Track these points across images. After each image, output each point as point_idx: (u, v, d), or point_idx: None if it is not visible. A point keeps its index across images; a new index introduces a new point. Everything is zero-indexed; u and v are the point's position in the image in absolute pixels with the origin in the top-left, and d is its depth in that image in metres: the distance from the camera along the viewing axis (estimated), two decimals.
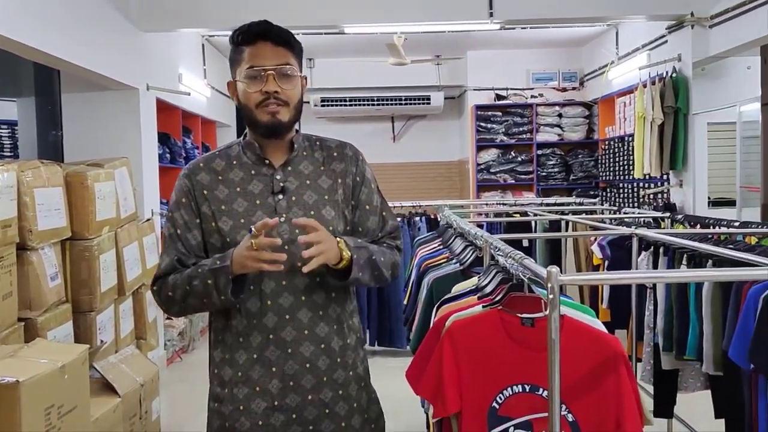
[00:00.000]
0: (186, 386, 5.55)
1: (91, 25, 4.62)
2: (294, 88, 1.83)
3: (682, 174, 5.67)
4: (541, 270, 1.56)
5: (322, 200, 1.86)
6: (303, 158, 1.90)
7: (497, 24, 5.59)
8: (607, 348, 1.67)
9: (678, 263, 2.98)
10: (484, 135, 8.61)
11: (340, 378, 1.86)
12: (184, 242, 1.85)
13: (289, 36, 1.86)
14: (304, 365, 1.81)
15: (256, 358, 1.81)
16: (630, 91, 6.77)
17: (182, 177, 1.90)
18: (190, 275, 1.78)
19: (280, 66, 1.80)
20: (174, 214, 1.87)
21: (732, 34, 5.03)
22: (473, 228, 2.97)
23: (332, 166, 1.91)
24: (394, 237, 1.98)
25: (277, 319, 1.80)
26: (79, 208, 4.03)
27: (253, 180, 1.85)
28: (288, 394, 1.81)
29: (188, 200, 1.86)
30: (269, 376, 1.81)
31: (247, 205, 1.83)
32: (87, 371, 3.05)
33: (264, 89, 1.79)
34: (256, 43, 1.83)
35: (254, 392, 1.82)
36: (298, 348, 1.81)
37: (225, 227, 1.82)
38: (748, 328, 2.20)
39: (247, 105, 1.83)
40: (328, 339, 1.84)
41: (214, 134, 8.25)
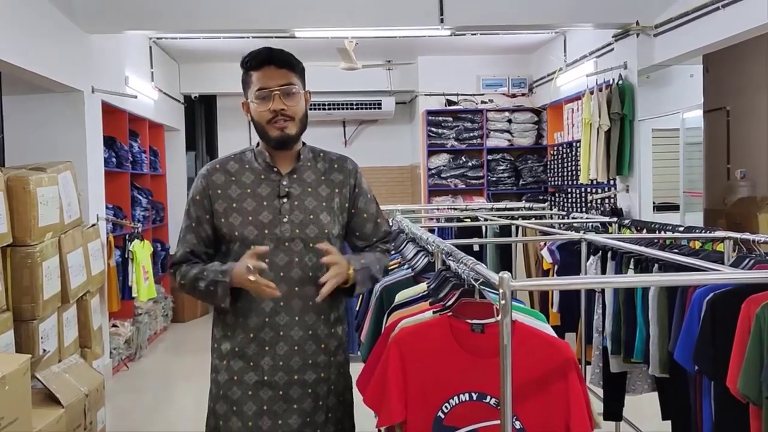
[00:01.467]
0: (133, 396, 5.44)
1: (34, 26, 4.50)
2: (298, 104, 2.11)
3: (628, 179, 5.78)
4: (493, 276, 1.56)
5: (320, 206, 2.14)
6: (307, 168, 2.18)
7: (448, 30, 5.63)
8: (557, 353, 1.68)
9: (625, 267, 3.03)
10: (435, 140, 8.65)
11: (323, 362, 2.12)
12: (197, 235, 2.15)
13: (290, 58, 2.12)
14: (293, 348, 2.08)
15: (252, 337, 2.09)
16: (578, 97, 6.88)
17: (200, 177, 2.18)
18: (197, 276, 2.08)
19: (284, 86, 2.07)
20: (190, 209, 2.17)
21: (676, 42, 5.15)
22: (425, 233, 2.97)
23: (332, 177, 2.20)
24: (386, 241, 2.30)
25: (272, 305, 2.07)
26: (21, 214, 3.92)
27: (262, 184, 2.13)
28: (277, 372, 2.08)
29: (202, 198, 2.15)
30: (262, 353, 2.08)
31: (255, 205, 2.11)
32: (29, 382, 2.96)
33: (272, 108, 2.06)
34: (263, 67, 2.08)
35: (248, 366, 2.09)
36: (289, 332, 2.08)
37: (235, 222, 2.10)
38: (692, 331, 2.25)
39: (259, 122, 2.10)
40: (316, 327, 2.11)
41: (163, 138, 8.10)
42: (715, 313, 2.11)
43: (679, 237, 3.21)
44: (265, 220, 2.08)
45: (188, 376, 5.97)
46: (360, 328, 3.05)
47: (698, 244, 3.14)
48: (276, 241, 2.07)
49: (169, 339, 7.37)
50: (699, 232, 3.20)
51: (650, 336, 2.77)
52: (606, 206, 6.16)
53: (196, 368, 6.15)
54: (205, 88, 8.99)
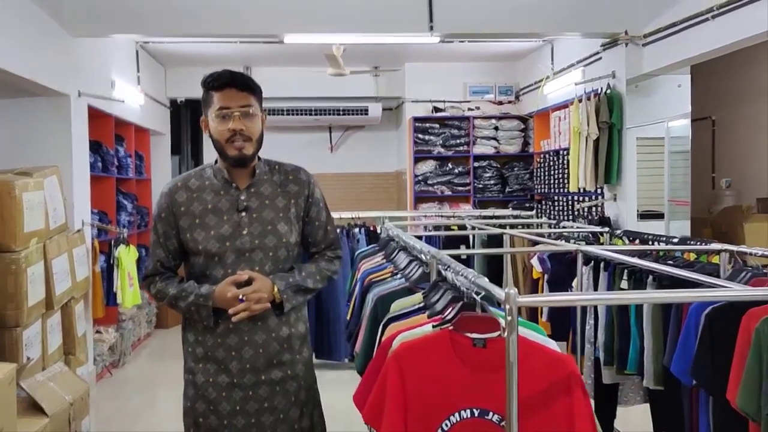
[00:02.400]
0: (117, 403, 5.37)
1: (20, 29, 4.43)
2: (255, 125, 2.24)
3: (616, 188, 5.80)
4: (498, 291, 1.54)
5: (277, 217, 2.28)
6: (263, 182, 2.31)
7: (437, 37, 5.62)
8: (561, 368, 1.66)
9: (618, 278, 3.03)
10: (421, 147, 8.64)
11: (287, 361, 2.29)
12: (164, 248, 2.29)
13: (250, 81, 2.25)
14: (258, 350, 2.24)
15: (220, 342, 2.25)
16: (565, 105, 6.90)
17: (164, 195, 2.31)
18: (176, 296, 2.24)
19: (244, 107, 2.20)
20: (156, 225, 2.31)
21: (665, 52, 5.18)
22: (418, 243, 2.95)
23: (288, 188, 2.33)
24: (334, 248, 2.44)
25: None
26: (6, 219, 3.86)
27: (222, 199, 2.27)
28: (245, 374, 2.24)
29: (167, 215, 2.28)
30: (230, 358, 2.24)
31: (216, 220, 2.25)
32: (14, 391, 2.91)
33: (231, 127, 2.18)
34: (224, 89, 2.20)
35: (219, 369, 2.25)
36: (253, 336, 2.24)
37: (198, 237, 2.25)
38: (689, 344, 2.24)
39: (218, 140, 2.23)
40: (277, 329, 2.27)
41: (148, 142, 8.03)
42: (713, 326, 2.11)
43: (675, 249, 3.20)
44: (226, 234, 2.23)
45: (172, 383, 5.86)
46: (352, 337, 3.02)
47: (693, 255, 3.14)
48: (237, 252, 2.22)
49: (153, 345, 7.30)
50: (694, 243, 3.20)
51: (644, 348, 2.76)
52: (594, 215, 6.17)
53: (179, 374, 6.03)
54: (191, 93, 8.89)
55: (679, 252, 3.17)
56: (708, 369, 2.10)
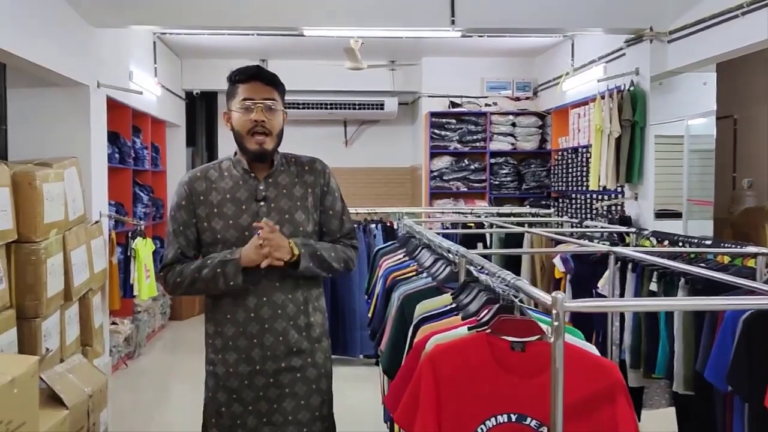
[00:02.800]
0: (133, 395, 5.36)
1: (40, 18, 4.41)
2: (277, 119, 2.30)
3: (637, 187, 5.73)
4: (544, 296, 1.50)
5: (294, 206, 2.33)
6: (281, 172, 2.37)
7: (459, 31, 5.56)
8: (604, 375, 1.62)
9: (647, 280, 2.98)
10: (437, 142, 8.58)
11: (307, 349, 2.33)
12: (185, 237, 2.32)
13: (275, 77, 2.33)
14: (278, 338, 2.29)
15: (241, 331, 2.29)
16: (584, 102, 6.83)
17: (182, 184, 2.35)
18: (200, 266, 2.25)
19: (268, 100, 2.27)
20: (176, 214, 2.33)
21: (690, 50, 5.10)
22: (444, 241, 2.91)
23: (304, 179, 2.39)
24: (350, 237, 2.47)
25: (256, 301, 2.28)
26: (26, 210, 3.85)
27: (240, 189, 2.32)
28: (267, 362, 2.28)
29: (187, 203, 2.32)
30: (251, 346, 2.28)
31: (234, 209, 2.29)
32: (37, 384, 2.90)
33: (253, 118, 2.24)
34: (250, 81, 2.27)
35: (240, 358, 2.29)
36: (273, 324, 2.29)
37: (217, 226, 2.29)
38: (725, 349, 2.20)
39: (240, 131, 2.28)
40: (296, 317, 2.32)
41: (164, 134, 8.02)
42: (751, 332, 2.06)
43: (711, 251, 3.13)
44: (245, 223, 2.27)
45: (186, 374, 5.89)
46: (377, 335, 2.98)
47: (727, 258, 3.08)
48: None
49: (167, 337, 7.30)
50: (728, 246, 3.14)
51: (675, 352, 2.71)
52: (614, 213, 6.11)
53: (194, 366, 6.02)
54: (207, 85, 8.90)
55: (711, 254, 3.12)
56: (745, 375, 2.06)
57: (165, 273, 2.33)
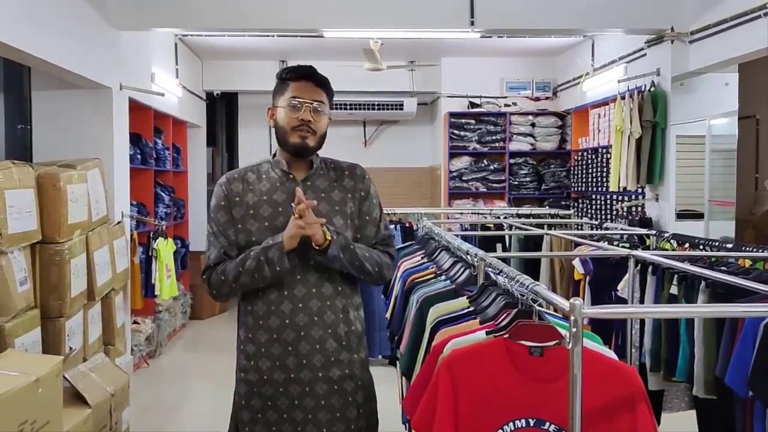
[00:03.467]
0: (154, 393, 5.42)
1: (65, 21, 4.47)
2: (322, 121, 2.27)
3: (658, 188, 5.70)
4: (562, 301, 1.50)
5: (333, 210, 2.27)
6: (320, 175, 2.32)
7: (478, 32, 5.56)
8: (624, 381, 1.61)
9: (668, 283, 2.97)
10: (456, 142, 8.58)
11: (345, 359, 2.24)
12: (226, 237, 2.25)
13: (326, 80, 2.30)
14: (315, 346, 2.20)
15: (275, 338, 2.20)
16: (605, 102, 6.80)
17: (220, 185, 2.31)
18: (243, 258, 2.18)
19: (316, 102, 2.24)
20: (215, 215, 2.29)
21: (712, 50, 5.07)
22: (464, 244, 2.91)
23: (344, 183, 2.34)
24: (386, 244, 2.39)
25: (292, 306, 2.19)
26: (51, 211, 3.91)
27: (278, 191, 2.27)
28: (302, 370, 2.19)
29: (226, 203, 2.27)
30: (286, 353, 2.19)
31: (271, 211, 2.24)
32: (61, 384, 2.94)
33: (300, 117, 2.22)
34: (301, 81, 2.25)
35: (274, 366, 2.20)
36: (310, 331, 2.19)
37: (252, 228, 2.22)
38: (746, 355, 2.19)
39: (284, 127, 2.25)
40: (335, 325, 2.23)
41: (185, 135, 8.08)
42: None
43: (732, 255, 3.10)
44: (281, 226, 2.18)
45: (207, 374, 5.95)
46: (395, 336, 3.00)
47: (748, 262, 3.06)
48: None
49: (188, 336, 7.36)
50: (750, 249, 3.12)
51: (695, 356, 2.70)
52: (634, 215, 6.08)
53: (214, 366, 6.15)
54: (227, 86, 8.97)
55: (732, 258, 3.10)
56: (766, 380, 2.05)
57: (209, 275, 2.26)
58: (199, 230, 8.14)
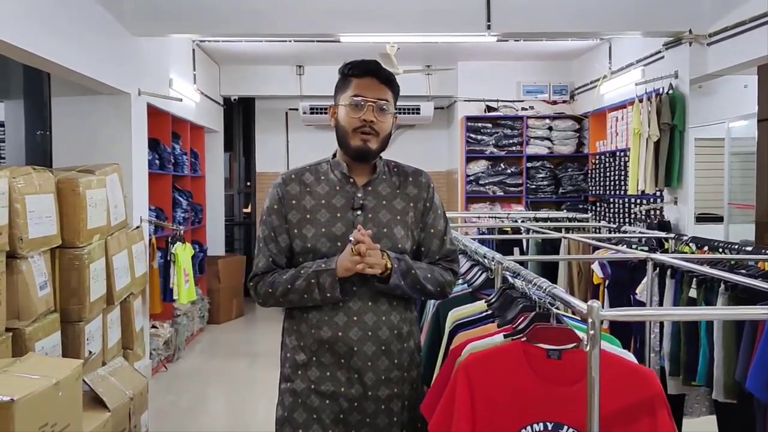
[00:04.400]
0: (172, 397, 5.45)
1: (84, 28, 4.52)
2: (387, 121, 2.11)
3: (676, 191, 5.66)
4: (580, 304, 1.50)
5: (394, 219, 2.11)
6: (382, 181, 2.16)
7: (495, 36, 5.56)
8: (644, 384, 1.60)
9: (687, 286, 2.94)
10: (473, 146, 8.57)
11: (396, 378, 2.10)
12: (276, 244, 2.12)
13: (392, 77, 2.14)
14: (366, 363, 2.06)
15: (327, 348, 2.07)
16: (622, 105, 6.76)
17: (275, 186, 2.16)
18: (294, 275, 2.05)
19: (381, 100, 2.07)
20: (267, 218, 2.14)
21: (730, 52, 5.03)
22: (481, 247, 2.91)
23: (407, 191, 2.17)
24: (450, 260, 2.21)
25: (346, 319, 2.06)
26: (70, 216, 3.94)
27: (337, 195, 2.11)
28: (353, 385, 2.06)
29: (279, 207, 2.12)
30: (338, 366, 2.07)
31: (329, 217, 2.09)
32: (80, 387, 2.97)
33: (362, 117, 2.05)
34: (364, 77, 2.09)
35: (325, 376, 2.08)
36: (363, 347, 2.06)
37: (308, 234, 2.08)
38: (766, 359, 2.17)
39: (345, 128, 2.09)
40: (389, 342, 2.08)
41: (203, 140, 8.14)
42: None
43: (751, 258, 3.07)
44: (338, 233, 2.06)
45: (225, 378, 5.97)
46: None
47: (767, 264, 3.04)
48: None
49: (206, 340, 7.39)
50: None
51: (715, 359, 2.68)
52: (652, 218, 6.04)
53: (232, 370, 6.18)
54: (245, 91, 9.02)
55: (752, 261, 3.07)
56: None
57: (255, 283, 2.13)
58: (216, 235, 8.17)
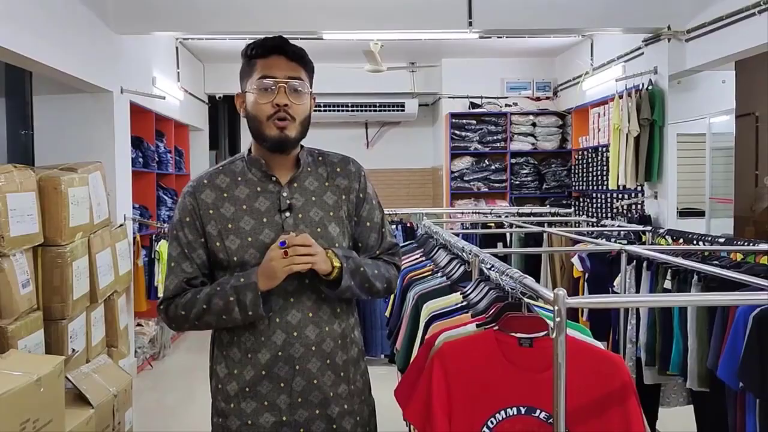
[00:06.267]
0: (157, 395, 5.46)
1: (66, 26, 4.52)
2: (303, 103, 1.82)
3: (656, 186, 5.72)
4: (546, 292, 1.53)
5: (327, 216, 1.87)
6: (308, 174, 1.90)
7: (476, 33, 5.59)
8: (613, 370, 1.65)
9: (661, 278, 2.99)
10: (458, 143, 8.62)
11: (344, 393, 1.88)
12: (191, 262, 1.84)
13: (302, 53, 1.85)
14: (312, 381, 1.83)
15: (264, 374, 1.82)
16: (604, 101, 6.83)
17: (186, 195, 1.87)
18: (209, 294, 1.79)
19: (293, 79, 1.79)
20: (179, 233, 1.86)
21: (708, 48, 5.10)
22: (459, 241, 2.94)
23: (336, 182, 1.92)
24: (392, 254, 1.99)
25: (285, 336, 1.81)
26: (52, 214, 3.94)
27: (260, 197, 1.84)
28: (297, 410, 1.83)
29: (192, 219, 1.84)
30: (278, 391, 1.82)
31: (254, 223, 1.82)
32: (63, 384, 2.98)
33: (275, 101, 1.77)
34: (270, 56, 1.81)
35: (262, 406, 1.83)
36: (306, 365, 1.83)
37: (232, 246, 1.81)
38: (737, 347, 2.21)
39: (256, 116, 1.81)
40: (333, 354, 1.86)
41: (187, 138, 8.14)
42: (762, 329, 2.08)
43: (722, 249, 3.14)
44: (267, 240, 1.79)
45: None
46: (393, 335, 3.03)
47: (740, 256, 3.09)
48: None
49: (191, 338, 7.39)
50: (740, 243, 3.15)
51: (688, 349, 2.73)
52: (633, 213, 6.10)
53: None
54: (229, 89, 9.00)
55: (725, 252, 3.12)
56: (756, 372, 2.07)
57: (166, 306, 1.86)
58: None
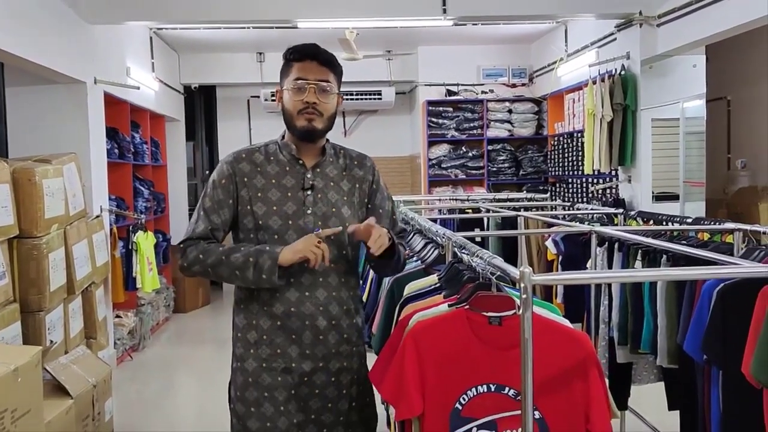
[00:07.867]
0: (138, 386, 5.46)
1: (37, 17, 4.48)
2: (330, 102, 2.17)
3: (630, 170, 5.79)
4: (513, 270, 1.57)
5: (341, 200, 2.21)
6: (330, 163, 2.25)
7: (450, 20, 5.62)
8: (577, 348, 1.69)
9: (632, 259, 3.05)
10: (435, 130, 8.65)
11: (345, 352, 2.20)
12: (218, 215, 2.17)
13: (332, 58, 2.20)
14: (318, 337, 2.15)
15: (279, 325, 2.14)
16: (579, 87, 6.88)
17: (226, 162, 2.21)
18: (232, 248, 2.10)
19: (322, 82, 2.14)
20: (213, 191, 2.18)
21: (679, 33, 5.15)
22: (434, 226, 2.98)
23: (353, 173, 2.27)
24: (402, 237, 2.34)
25: (298, 294, 2.14)
26: (27, 206, 3.92)
27: (287, 176, 2.19)
28: (304, 360, 2.15)
29: (228, 183, 2.18)
30: (289, 341, 2.15)
31: (279, 196, 2.16)
32: (40, 374, 2.98)
33: (305, 99, 2.12)
34: (304, 60, 2.15)
35: (275, 353, 2.15)
36: (314, 321, 2.15)
37: (259, 211, 2.15)
38: (702, 322, 2.26)
39: (290, 110, 2.16)
40: (338, 317, 2.18)
41: (163, 129, 8.09)
42: (725, 303, 2.13)
43: (689, 229, 3.22)
44: (290, 211, 2.14)
45: (191, 366, 5.99)
46: (370, 319, 3.06)
47: (707, 235, 3.16)
48: (299, 232, 2.12)
49: (172, 329, 7.39)
50: (707, 223, 3.22)
51: (658, 327, 2.79)
52: (608, 197, 6.18)
53: (198, 358, 6.19)
54: (205, 79, 8.98)
55: (693, 232, 3.19)
56: (719, 344, 2.12)
57: (186, 246, 2.14)
58: (180, 224, 8.16)
